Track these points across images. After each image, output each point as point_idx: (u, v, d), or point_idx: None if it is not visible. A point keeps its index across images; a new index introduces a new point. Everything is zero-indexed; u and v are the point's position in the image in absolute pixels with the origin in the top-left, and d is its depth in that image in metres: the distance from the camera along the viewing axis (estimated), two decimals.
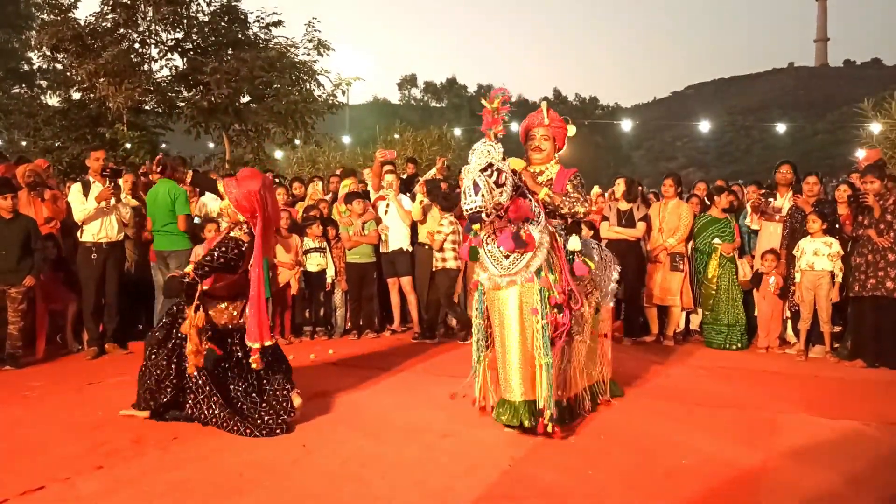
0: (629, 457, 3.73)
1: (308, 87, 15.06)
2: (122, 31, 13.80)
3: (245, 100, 14.73)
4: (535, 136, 4.49)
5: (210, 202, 7.32)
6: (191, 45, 14.72)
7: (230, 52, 14.61)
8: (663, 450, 3.83)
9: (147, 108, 14.99)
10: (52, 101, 16.81)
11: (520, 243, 3.95)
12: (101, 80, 13.12)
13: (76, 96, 14.62)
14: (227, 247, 4.16)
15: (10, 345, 5.90)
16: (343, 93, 16.24)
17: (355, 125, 32.53)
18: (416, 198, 7.54)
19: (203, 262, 4.17)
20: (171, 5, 13.70)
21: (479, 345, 4.38)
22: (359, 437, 4.01)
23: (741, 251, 7.27)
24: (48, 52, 14.11)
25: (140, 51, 14.17)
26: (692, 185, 8.66)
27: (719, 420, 4.43)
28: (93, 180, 6.34)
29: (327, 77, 15.37)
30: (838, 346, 6.55)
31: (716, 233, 7.11)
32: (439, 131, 22.84)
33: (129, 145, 13.19)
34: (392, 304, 7.73)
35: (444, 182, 8.18)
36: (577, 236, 4.33)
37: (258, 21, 15.20)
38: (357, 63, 41.58)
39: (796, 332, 6.76)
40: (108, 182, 6.24)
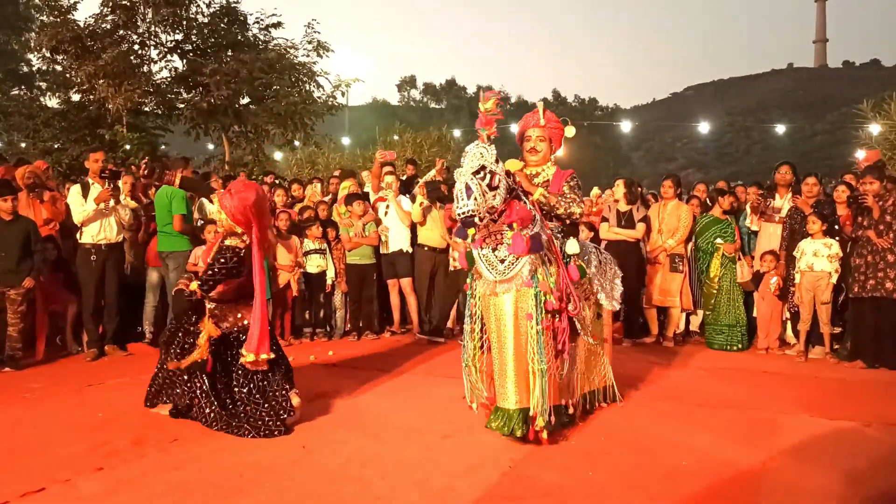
0: (629, 457, 3.73)
1: (307, 88, 15.10)
2: (121, 32, 13.83)
3: (244, 101, 14.76)
4: (530, 137, 4.40)
5: (209, 203, 7.33)
6: (190, 47, 14.75)
7: (230, 53, 14.64)
8: (663, 450, 3.83)
9: (146, 109, 15.02)
10: (52, 102, 16.86)
11: (536, 246, 3.84)
12: (101, 81, 13.14)
13: (76, 98, 14.64)
14: (226, 257, 4.20)
15: (9, 346, 5.90)
16: (342, 94, 16.32)
17: (355, 126, 32.57)
18: (416, 199, 7.55)
19: (206, 277, 4.22)
20: (170, 7, 13.72)
21: (467, 348, 4.33)
22: (359, 438, 4.00)
23: (741, 252, 7.28)
24: (48, 54, 14.14)
25: (140, 52, 14.20)
26: (692, 187, 8.67)
27: (719, 420, 4.43)
28: (92, 182, 6.34)
29: (327, 78, 15.44)
30: (838, 346, 6.55)
31: (718, 233, 7.13)
32: (439, 132, 22.89)
33: (128, 147, 13.19)
34: (392, 306, 7.73)
35: (444, 184, 8.18)
36: (574, 240, 4.25)
37: (258, 22, 15.27)
38: (356, 64, 41.83)
39: (796, 333, 6.76)
40: (107, 184, 6.23)
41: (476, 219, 3.77)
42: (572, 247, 4.17)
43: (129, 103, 13.38)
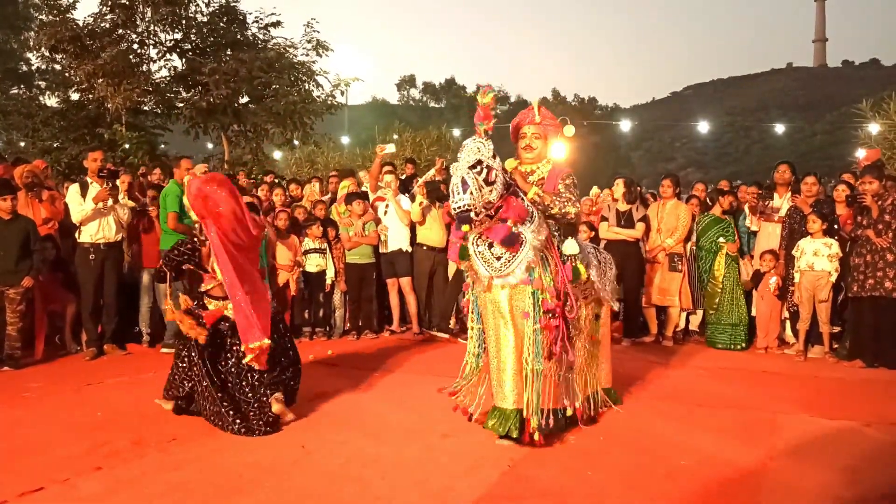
0: (629, 457, 3.73)
1: (307, 87, 15.07)
2: (120, 31, 13.79)
3: (244, 100, 14.73)
4: (525, 134, 4.32)
5: None
6: (189, 46, 14.72)
7: (229, 52, 14.61)
8: (663, 450, 3.83)
9: (146, 108, 14.99)
10: (51, 101, 16.85)
11: (511, 241, 3.78)
12: (100, 80, 13.12)
13: (75, 97, 14.62)
14: (178, 247, 4.51)
15: (8, 346, 5.89)
16: (342, 93, 16.30)
17: (354, 126, 32.51)
18: (416, 199, 7.54)
19: (164, 259, 4.58)
20: (169, 6, 13.70)
21: (472, 352, 4.27)
22: (358, 438, 4.00)
23: (740, 252, 7.28)
24: (47, 53, 14.11)
25: (139, 51, 14.17)
26: (691, 186, 8.66)
27: (719, 420, 4.43)
28: (90, 181, 6.33)
29: (326, 77, 15.40)
30: (837, 346, 6.55)
31: (720, 232, 7.13)
32: (438, 132, 22.88)
33: (127, 146, 13.16)
34: (391, 305, 7.72)
35: (443, 183, 8.17)
36: (573, 239, 4.18)
37: (257, 22, 15.24)
38: (356, 63, 41.49)
39: (795, 333, 6.77)
40: (106, 183, 6.23)
41: (472, 214, 3.66)
42: (571, 247, 4.10)
43: (128, 102, 13.36)
